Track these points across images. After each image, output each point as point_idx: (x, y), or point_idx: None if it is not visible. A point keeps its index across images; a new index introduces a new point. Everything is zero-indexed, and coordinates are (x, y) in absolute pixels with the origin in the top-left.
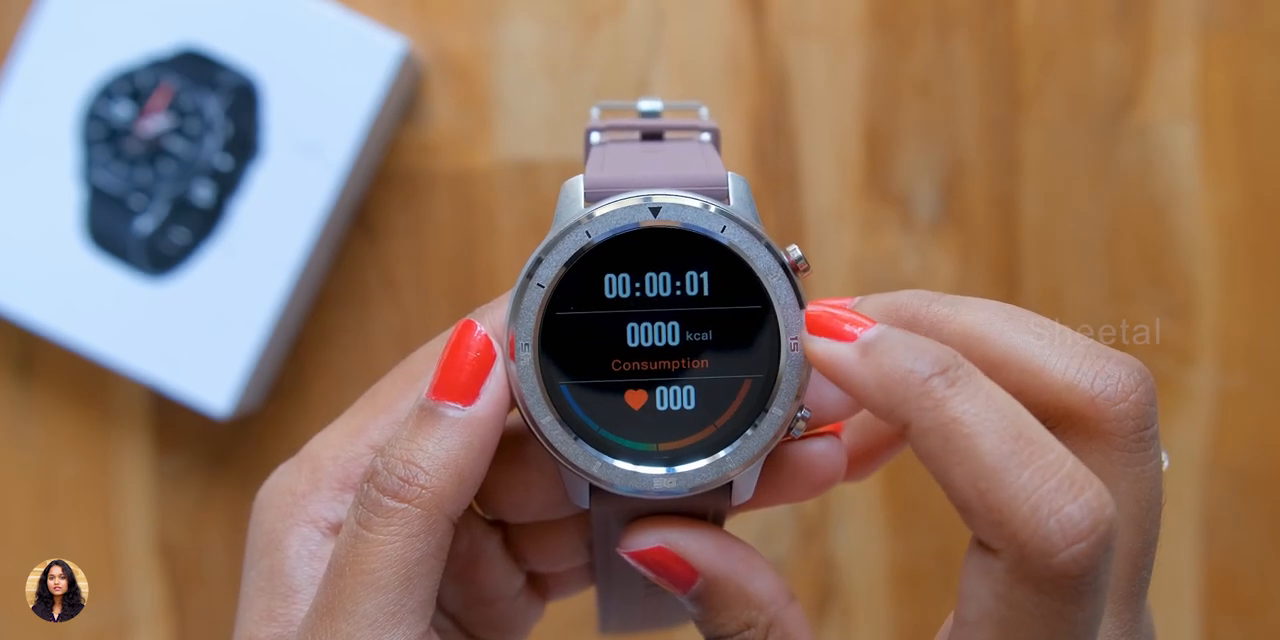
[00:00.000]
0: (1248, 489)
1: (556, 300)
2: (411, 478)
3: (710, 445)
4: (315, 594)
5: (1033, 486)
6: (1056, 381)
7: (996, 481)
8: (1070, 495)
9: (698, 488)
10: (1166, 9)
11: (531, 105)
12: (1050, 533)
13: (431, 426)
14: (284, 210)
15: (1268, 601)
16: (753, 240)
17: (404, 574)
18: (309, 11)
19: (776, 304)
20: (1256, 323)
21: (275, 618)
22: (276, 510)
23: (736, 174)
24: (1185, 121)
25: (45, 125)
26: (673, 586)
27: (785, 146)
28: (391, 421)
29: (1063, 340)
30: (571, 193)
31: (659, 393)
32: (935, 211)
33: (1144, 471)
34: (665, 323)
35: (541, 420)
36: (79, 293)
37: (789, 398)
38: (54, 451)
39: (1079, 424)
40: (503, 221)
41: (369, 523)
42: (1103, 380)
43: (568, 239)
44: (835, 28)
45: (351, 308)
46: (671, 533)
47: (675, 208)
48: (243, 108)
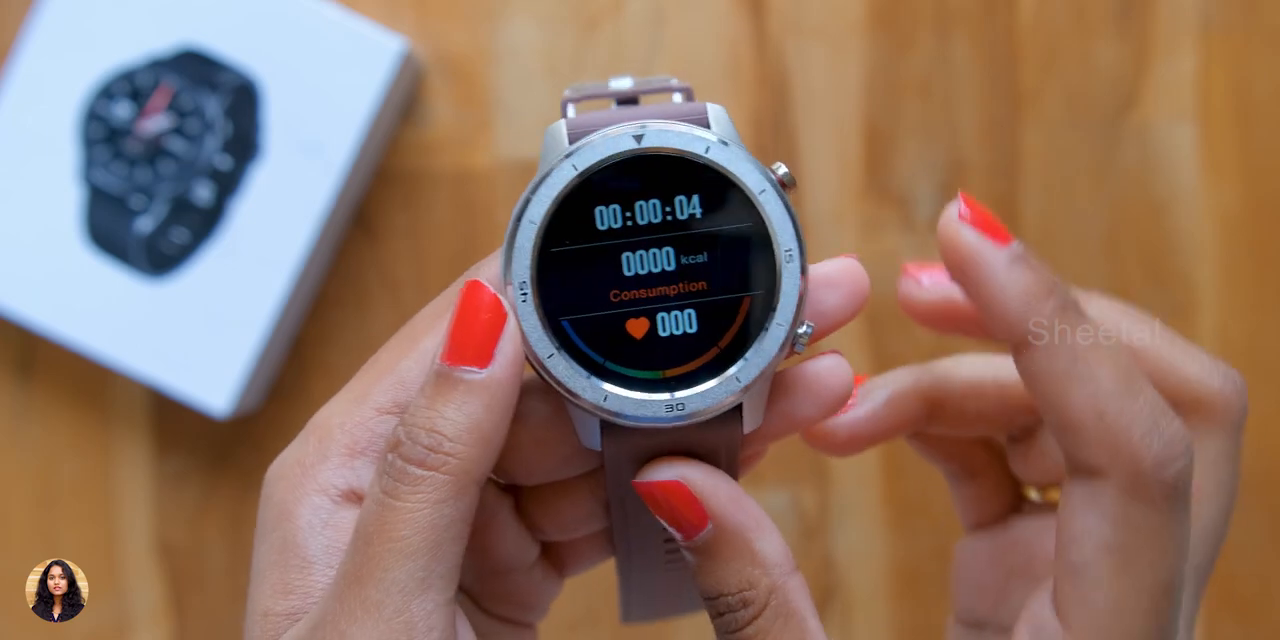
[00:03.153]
0: (1248, 489)
1: (549, 236)
2: (436, 445)
3: (716, 366)
4: (341, 562)
5: (1146, 412)
6: (1193, 374)
7: (1117, 405)
8: (1169, 420)
9: (708, 409)
10: (1166, 9)
11: (531, 105)
12: (1161, 451)
13: (450, 392)
14: (284, 210)
15: (1268, 601)
16: (737, 159)
17: (433, 540)
18: (309, 11)
19: (767, 220)
20: (1256, 323)
21: (291, 590)
22: (285, 481)
23: (716, 105)
24: (1185, 121)
25: (45, 125)
26: (680, 529)
27: (785, 146)
28: (395, 382)
29: (1186, 344)
30: (555, 134)
31: (660, 319)
32: (935, 211)
33: (1238, 460)
34: (660, 249)
35: (546, 357)
36: (79, 293)
37: (789, 312)
38: (54, 451)
39: (1204, 411)
40: (503, 221)
41: (395, 491)
42: (1228, 378)
43: (555, 174)
44: (835, 28)
45: (351, 308)
46: (690, 470)
47: (657, 133)
48: (243, 108)
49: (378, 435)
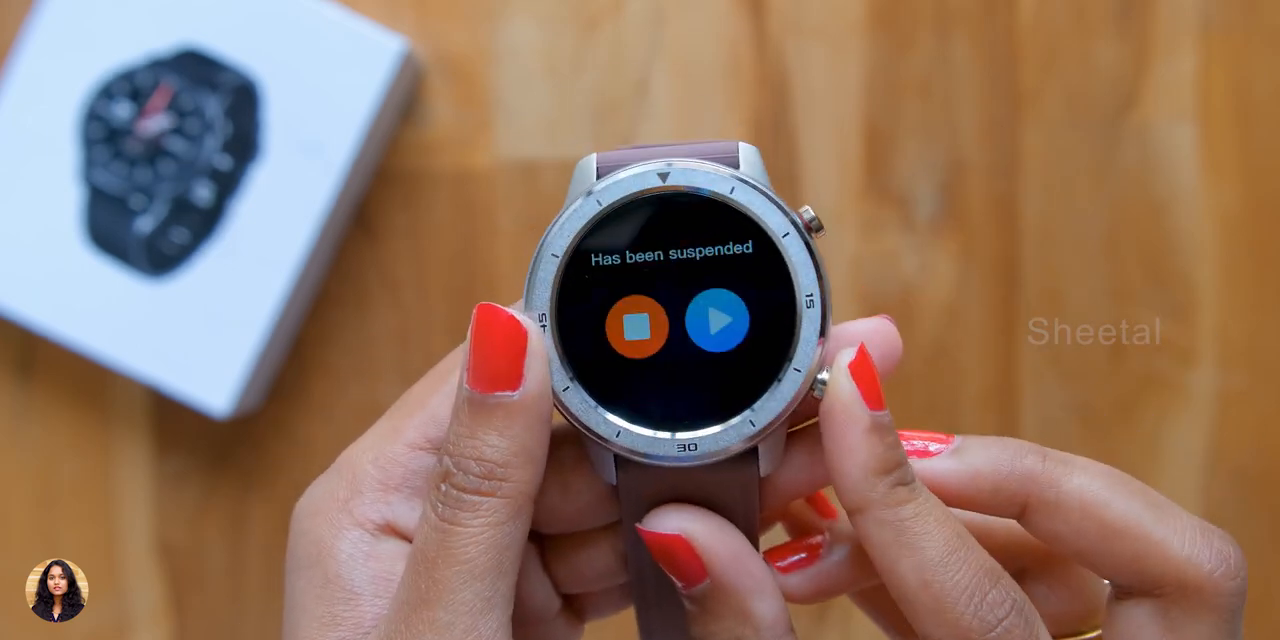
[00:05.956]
0: (1248, 489)
1: (570, 270)
2: (489, 473)
3: (731, 408)
4: (399, 590)
5: (969, 580)
6: (1177, 556)
7: (941, 573)
8: (990, 582)
9: (720, 451)
10: (1166, 9)
11: (531, 105)
12: (983, 616)
13: (489, 417)
14: (284, 210)
15: (1268, 601)
16: (764, 201)
17: (498, 560)
18: (309, 11)
19: (790, 264)
20: (1256, 323)
21: (340, 622)
22: (320, 517)
23: (748, 144)
24: (1185, 121)
25: (45, 125)
26: (678, 579)
27: (785, 146)
28: (426, 419)
29: (1175, 514)
30: (585, 168)
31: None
32: (935, 211)
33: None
34: (682, 287)
35: (561, 390)
36: (79, 293)
37: (807, 359)
38: (54, 451)
39: (1193, 596)
40: (502, 221)
41: (454, 517)
42: (1218, 558)
43: (579, 208)
44: (835, 28)
45: (351, 308)
46: (695, 524)
47: (684, 172)
48: (243, 108)
49: (411, 471)
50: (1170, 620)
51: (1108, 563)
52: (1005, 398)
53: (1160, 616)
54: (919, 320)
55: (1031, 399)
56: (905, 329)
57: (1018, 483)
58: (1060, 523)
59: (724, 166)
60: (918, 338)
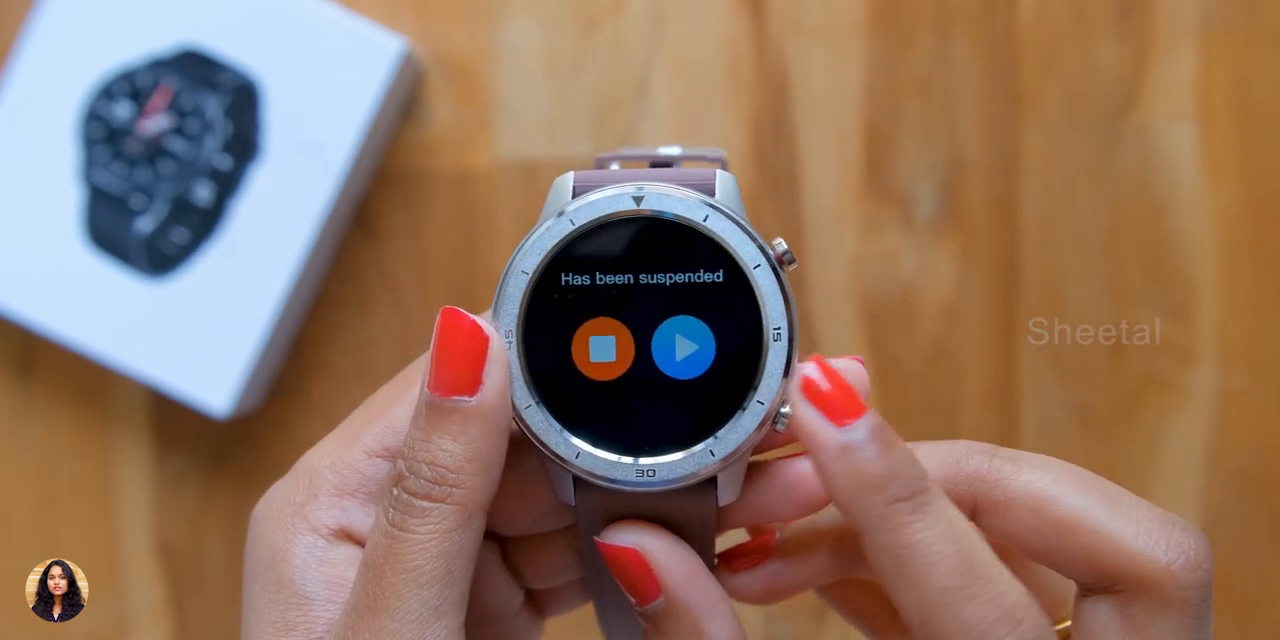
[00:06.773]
0: (1248, 489)
1: (540, 288)
2: (440, 478)
3: (692, 436)
4: (350, 596)
5: (975, 620)
6: (1130, 549)
7: (941, 613)
8: (1008, 628)
9: (678, 479)
10: (1166, 9)
11: (531, 105)
12: None
13: (444, 422)
14: (284, 210)
15: (1268, 601)
16: (736, 230)
17: (446, 568)
18: (309, 11)
19: (759, 295)
20: (1256, 323)
21: (293, 627)
22: (275, 522)
23: (725, 172)
24: (1185, 121)
25: (45, 125)
26: (633, 595)
27: (785, 146)
28: (385, 426)
29: (1131, 506)
30: (561, 187)
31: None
32: (935, 211)
33: (1205, 637)
34: (650, 312)
35: (524, 408)
36: (79, 293)
37: (771, 392)
38: (54, 451)
39: (1152, 591)
40: (502, 221)
41: (404, 523)
42: (1175, 550)
43: (551, 227)
44: (835, 28)
45: (351, 308)
46: (652, 541)
47: (656, 196)
48: (243, 108)
49: (367, 477)
50: (1131, 617)
51: (1064, 560)
52: (1005, 398)
53: (1121, 613)
54: (919, 320)
55: (1031, 399)
56: (905, 329)
57: (966, 483)
58: (1011, 522)
59: (699, 193)
60: (917, 338)
